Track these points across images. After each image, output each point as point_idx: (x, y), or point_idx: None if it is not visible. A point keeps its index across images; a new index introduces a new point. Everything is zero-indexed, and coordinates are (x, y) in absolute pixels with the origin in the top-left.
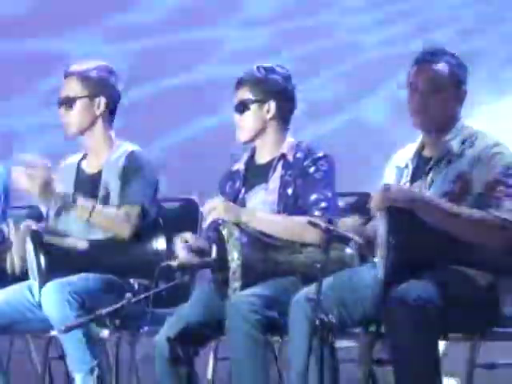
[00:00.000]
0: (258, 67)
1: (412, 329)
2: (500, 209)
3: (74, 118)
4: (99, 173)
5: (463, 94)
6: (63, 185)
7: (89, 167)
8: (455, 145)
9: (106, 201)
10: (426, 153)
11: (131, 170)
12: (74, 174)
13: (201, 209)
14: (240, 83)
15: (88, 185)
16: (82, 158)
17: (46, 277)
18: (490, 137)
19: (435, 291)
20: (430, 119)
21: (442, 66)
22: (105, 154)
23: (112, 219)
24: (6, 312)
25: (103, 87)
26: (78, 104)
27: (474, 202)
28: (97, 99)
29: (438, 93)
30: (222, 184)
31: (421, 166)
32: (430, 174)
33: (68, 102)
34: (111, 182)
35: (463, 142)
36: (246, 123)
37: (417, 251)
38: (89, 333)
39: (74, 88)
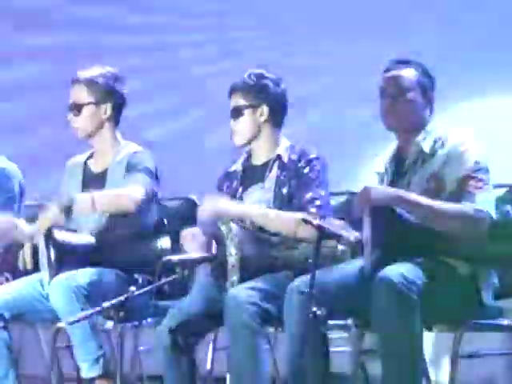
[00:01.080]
0: (249, 74)
1: (395, 306)
2: (473, 202)
3: (82, 123)
4: (105, 171)
5: (430, 98)
6: (71, 183)
7: (95, 166)
8: (426, 145)
9: None
10: (402, 155)
11: (134, 164)
12: (82, 173)
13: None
14: (233, 90)
15: (95, 183)
16: (88, 157)
17: (55, 270)
18: (459, 135)
19: (418, 273)
20: (398, 120)
21: (406, 72)
22: (111, 154)
23: (115, 198)
24: (17, 302)
25: (109, 93)
26: (86, 110)
27: (448, 198)
28: (103, 105)
29: (404, 95)
30: (219, 184)
31: (398, 169)
32: (407, 176)
33: (76, 108)
34: (116, 182)
35: (434, 143)
36: (241, 128)
37: (400, 246)
38: (94, 324)
39: (81, 95)
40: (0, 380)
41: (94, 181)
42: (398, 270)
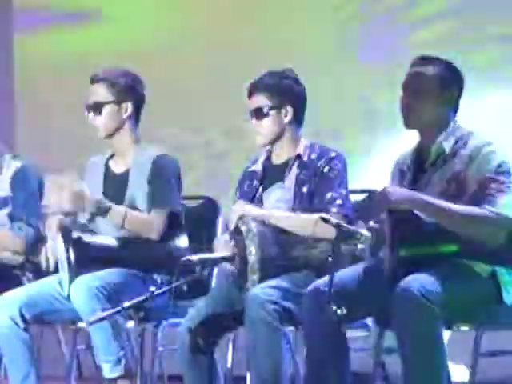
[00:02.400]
0: (269, 73)
1: (417, 319)
2: (494, 205)
3: (102, 122)
4: (126, 172)
5: (451, 97)
6: (92, 182)
7: (116, 167)
8: (448, 145)
9: (132, 200)
10: (423, 154)
11: (158, 174)
12: (103, 173)
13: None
14: (254, 90)
15: (116, 184)
16: (109, 158)
17: (75, 271)
18: (482, 136)
19: (437, 282)
20: (416, 118)
21: (428, 69)
22: (131, 155)
23: (141, 225)
24: (37, 302)
25: (130, 93)
26: (106, 109)
27: (469, 200)
28: (124, 104)
29: (422, 93)
30: (240, 184)
31: (419, 168)
32: (426, 175)
33: (96, 108)
34: (138, 183)
35: (456, 143)
36: (266, 129)
37: (418, 246)
38: (115, 325)
39: (101, 94)
40: (21, 381)
41: (115, 181)
42: (419, 281)
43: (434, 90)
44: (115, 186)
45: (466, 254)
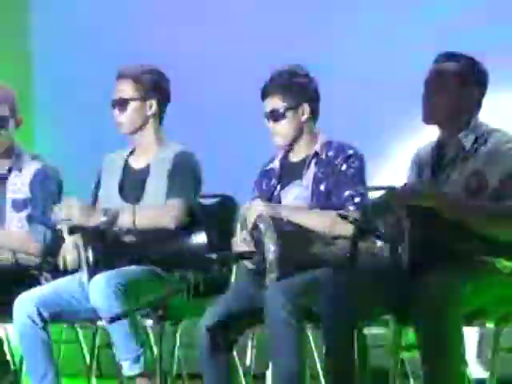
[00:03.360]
0: (280, 73)
1: (437, 314)
2: None
3: (127, 118)
4: (147, 168)
5: (471, 94)
6: (108, 178)
7: (136, 163)
8: (468, 142)
9: (151, 195)
10: (442, 150)
11: (178, 170)
12: (121, 169)
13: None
14: (268, 92)
15: (135, 179)
16: (129, 153)
17: (93, 269)
18: (503, 133)
19: (458, 278)
20: (434, 114)
21: (449, 65)
22: (153, 151)
23: (154, 215)
24: (55, 302)
25: (155, 89)
26: (131, 106)
27: (489, 197)
28: (148, 102)
29: (442, 90)
30: (257, 182)
31: (438, 164)
32: (446, 171)
33: (122, 104)
34: (158, 179)
35: (476, 140)
36: (284, 130)
37: (437, 243)
38: (134, 322)
39: (127, 90)
40: (40, 379)
41: (134, 177)
42: (437, 276)
43: (453, 87)
44: (134, 182)
45: (487, 251)
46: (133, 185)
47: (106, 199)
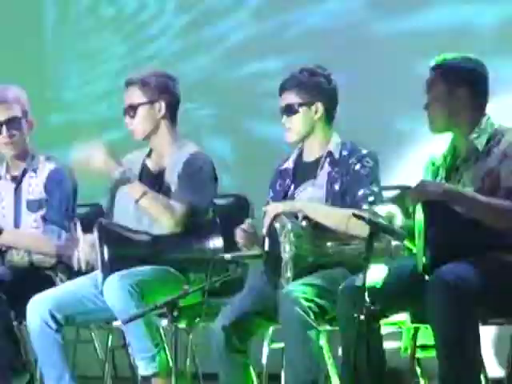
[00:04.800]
0: (300, 71)
1: (452, 309)
2: None
3: (138, 124)
4: (163, 171)
5: (461, 93)
6: None
7: (153, 165)
8: (481, 143)
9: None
10: (456, 152)
11: (187, 172)
12: (139, 170)
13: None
14: (285, 87)
15: (151, 183)
16: (147, 155)
17: (109, 268)
18: None
19: (473, 273)
20: (435, 125)
21: (435, 73)
22: (169, 154)
23: (158, 207)
24: (68, 303)
25: (162, 91)
26: (140, 111)
27: (504, 196)
28: (157, 104)
29: (433, 99)
30: (272, 183)
31: (452, 165)
32: (459, 172)
33: (131, 110)
34: (171, 183)
35: (489, 140)
36: (296, 125)
37: (453, 242)
38: (149, 322)
39: (135, 96)
40: (55, 382)
41: (151, 180)
42: (453, 270)
43: (439, 94)
44: (151, 185)
45: (502, 249)
46: (149, 187)
47: (123, 200)
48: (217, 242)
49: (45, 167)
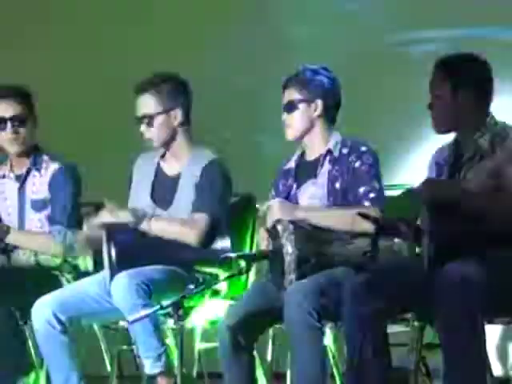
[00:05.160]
0: (303, 69)
1: (457, 306)
2: None
3: (156, 134)
4: (178, 176)
5: (484, 94)
6: (140, 181)
7: (169, 168)
8: (485, 142)
9: (179, 207)
10: (460, 150)
11: (205, 183)
12: (154, 173)
13: (258, 207)
14: (287, 84)
15: (166, 186)
16: (161, 157)
17: (116, 267)
18: None
19: (478, 272)
20: (438, 124)
21: (437, 75)
22: (184, 159)
23: (181, 232)
24: (73, 304)
25: (177, 99)
26: (157, 120)
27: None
28: (172, 112)
29: (436, 99)
30: (275, 183)
31: (456, 163)
32: (463, 171)
33: (147, 120)
34: (187, 189)
35: (493, 139)
36: (295, 122)
37: (458, 240)
38: (155, 321)
39: (149, 105)
40: (63, 383)
41: (165, 184)
42: (458, 269)
43: (443, 95)
44: (165, 188)
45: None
46: (163, 191)
47: (136, 199)
48: (224, 242)
49: (49, 167)
